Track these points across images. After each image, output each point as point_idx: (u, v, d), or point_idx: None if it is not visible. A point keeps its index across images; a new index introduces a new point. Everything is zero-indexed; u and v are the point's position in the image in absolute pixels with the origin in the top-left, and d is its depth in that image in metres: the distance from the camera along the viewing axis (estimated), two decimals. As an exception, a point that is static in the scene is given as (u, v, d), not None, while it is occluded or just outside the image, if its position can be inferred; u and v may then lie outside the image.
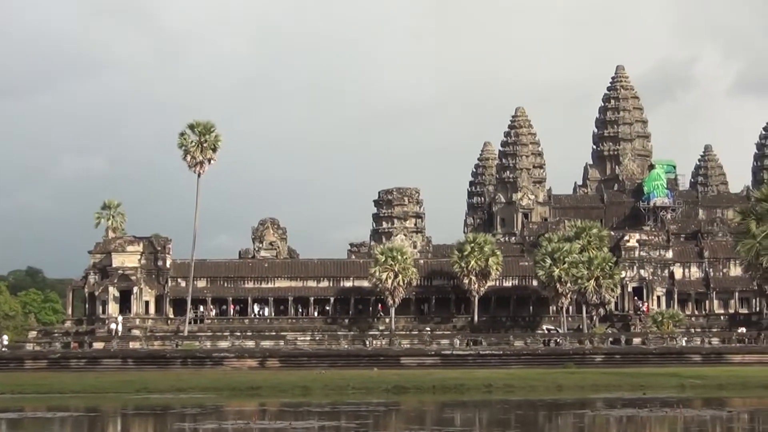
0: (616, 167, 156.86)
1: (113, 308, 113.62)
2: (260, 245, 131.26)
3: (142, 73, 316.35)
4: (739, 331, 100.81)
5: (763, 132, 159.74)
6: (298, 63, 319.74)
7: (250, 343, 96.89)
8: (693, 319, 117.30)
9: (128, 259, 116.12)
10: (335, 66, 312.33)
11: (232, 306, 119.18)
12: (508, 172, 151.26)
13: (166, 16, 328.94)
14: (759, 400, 61.77)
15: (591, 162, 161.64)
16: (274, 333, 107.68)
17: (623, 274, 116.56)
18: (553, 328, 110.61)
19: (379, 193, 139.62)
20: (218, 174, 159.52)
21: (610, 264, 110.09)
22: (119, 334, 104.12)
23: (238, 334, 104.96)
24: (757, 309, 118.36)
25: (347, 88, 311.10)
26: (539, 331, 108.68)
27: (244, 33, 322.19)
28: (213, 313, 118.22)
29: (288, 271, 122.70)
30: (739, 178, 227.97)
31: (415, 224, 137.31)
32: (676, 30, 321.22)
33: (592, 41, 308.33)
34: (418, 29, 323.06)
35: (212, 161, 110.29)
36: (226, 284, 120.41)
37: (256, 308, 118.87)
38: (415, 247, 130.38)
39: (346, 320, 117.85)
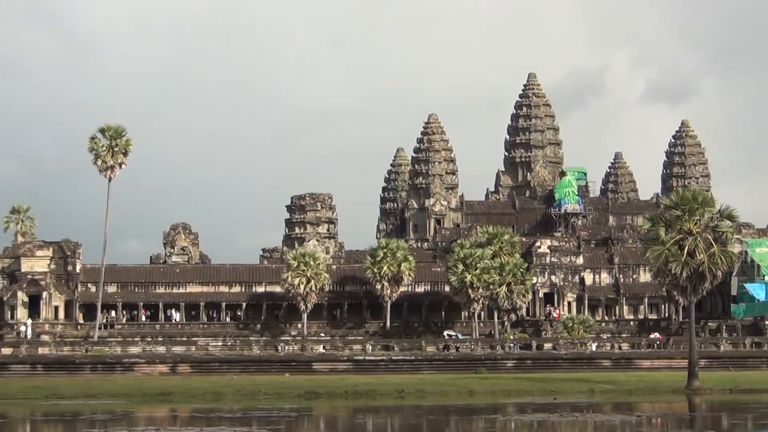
0: (528, 174, 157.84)
1: (22, 313, 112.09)
2: (171, 250, 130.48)
3: (52, 75, 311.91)
4: (652, 336, 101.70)
5: (673, 140, 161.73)
6: (213, 66, 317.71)
7: (161, 349, 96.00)
8: (603, 324, 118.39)
9: (37, 264, 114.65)
10: (249, 69, 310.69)
11: (143, 311, 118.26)
12: (420, 178, 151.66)
13: (77, 17, 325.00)
14: (667, 404, 62.53)
15: (503, 168, 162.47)
16: (185, 338, 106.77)
17: (534, 279, 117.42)
18: (453, 333, 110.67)
19: (291, 198, 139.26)
20: (129, 178, 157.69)
21: (521, 270, 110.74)
22: (28, 339, 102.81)
23: (149, 339, 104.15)
24: (666, 315, 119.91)
25: (260, 93, 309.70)
26: (441, 337, 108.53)
27: (159, 35, 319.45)
28: (124, 318, 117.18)
29: (200, 276, 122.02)
30: (649, 185, 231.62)
31: (328, 230, 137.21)
32: (588, 38, 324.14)
33: (505, 49, 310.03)
34: (334, 33, 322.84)
35: (123, 165, 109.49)
36: (136, 289, 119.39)
37: (168, 314, 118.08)
38: (327, 252, 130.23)
39: (258, 326, 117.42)
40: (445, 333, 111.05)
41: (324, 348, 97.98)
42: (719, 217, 71.04)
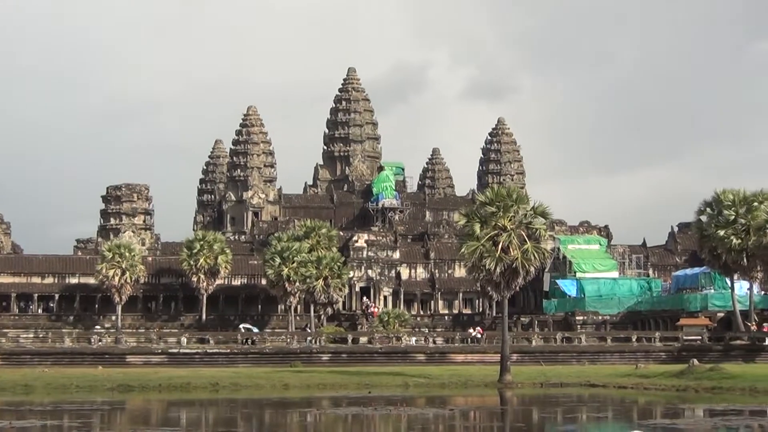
0: (346, 168, 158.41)
1: None
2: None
3: None
4: (472, 331, 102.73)
5: (489, 137, 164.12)
6: (30, 54, 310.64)
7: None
8: (418, 318, 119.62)
9: None
10: (66, 57, 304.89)
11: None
12: (239, 170, 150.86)
13: None
14: (480, 398, 63.36)
15: (322, 162, 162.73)
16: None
17: (351, 273, 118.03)
18: (250, 326, 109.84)
19: (107, 188, 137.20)
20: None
21: (338, 264, 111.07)
22: None
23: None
24: (480, 309, 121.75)
25: (78, 80, 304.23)
26: (237, 330, 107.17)
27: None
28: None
29: (11, 266, 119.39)
30: (465, 181, 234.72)
31: (144, 221, 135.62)
32: (410, 34, 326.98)
33: (327, 43, 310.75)
34: (154, 23, 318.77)
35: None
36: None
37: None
38: (143, 244, 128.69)
39: (71, 317, 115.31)
40: (241, 326, 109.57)
41: (138, 341, 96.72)
42: (533, 214, 72.20)
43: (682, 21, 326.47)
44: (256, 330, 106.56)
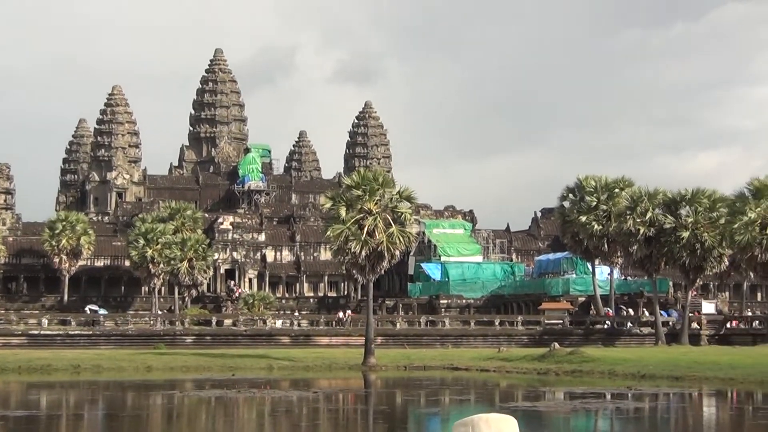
0: (213, 150, 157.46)
1: None
2: None
3: None
4: (341, 314, 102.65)
5: (356, 120, 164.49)
6: None
7: None
8: (284, 301, 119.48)
9: None
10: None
11: None
12: (103, 150, 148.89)
13: None
14: (344, 381, 63.63)
15: (188, 144, 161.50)
16: None
17: (216, 255, 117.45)
18: (96, 308, 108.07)
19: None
20: None
21: (203, 246, 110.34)
22: None
23: None
24: (345, 292, 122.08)
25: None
26: (83, 311, 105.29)
27: None
28: None
29: None
30: (333, 164, 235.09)
31: (5, 201, 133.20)
32: (279, 17, 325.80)
33: (196, 25, 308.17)
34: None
35: None
36: None
37: None
38: (4, 224, 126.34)
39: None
40: (87, 308, 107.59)
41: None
42: (398, 198, 72.49)
43: (546, 9, 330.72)
44: (103, 312, 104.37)
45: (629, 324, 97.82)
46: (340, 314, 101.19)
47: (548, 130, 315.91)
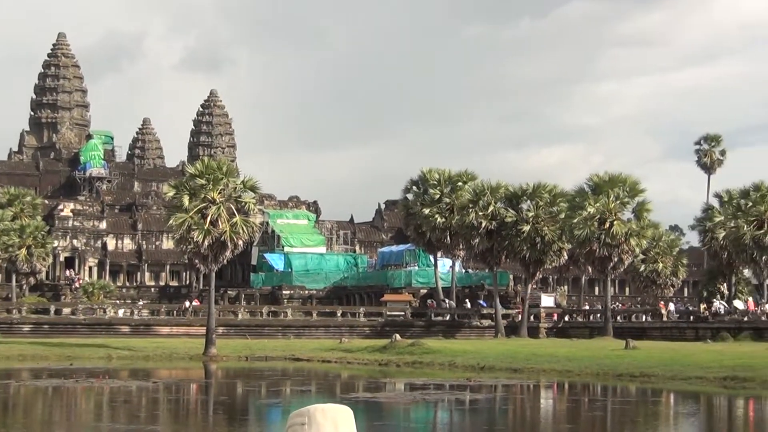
0: (54, 135, 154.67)
1: None
2: None
3: None
4: (187, 304, 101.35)
5: (201, 109, 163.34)
6: None
7: None
8: (124, 290, 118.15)
9: None
10: None
11: None
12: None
13: None
14: (185, 371, 63.26)
15: (28, 128, 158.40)
16: None
17: (56, 243, 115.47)
18: None
19: None
20: None
21: (42, 233, 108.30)
22: None
23: None
24: (187, 282, 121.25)
25: None
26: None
27: None
28: None
29: None
30: (177, 153, 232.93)
31: None
32: (127, 2, 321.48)
33: (38, 6, 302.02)
34: None
35: None
36: None
37: None
38: None
39: None
40: None
41: None
42: (242, 187, 72.37)
43: (396, 3, 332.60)
44: None
45: (469, 317, 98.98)
46: (186, 303, 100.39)
47: (396, 124, 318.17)
